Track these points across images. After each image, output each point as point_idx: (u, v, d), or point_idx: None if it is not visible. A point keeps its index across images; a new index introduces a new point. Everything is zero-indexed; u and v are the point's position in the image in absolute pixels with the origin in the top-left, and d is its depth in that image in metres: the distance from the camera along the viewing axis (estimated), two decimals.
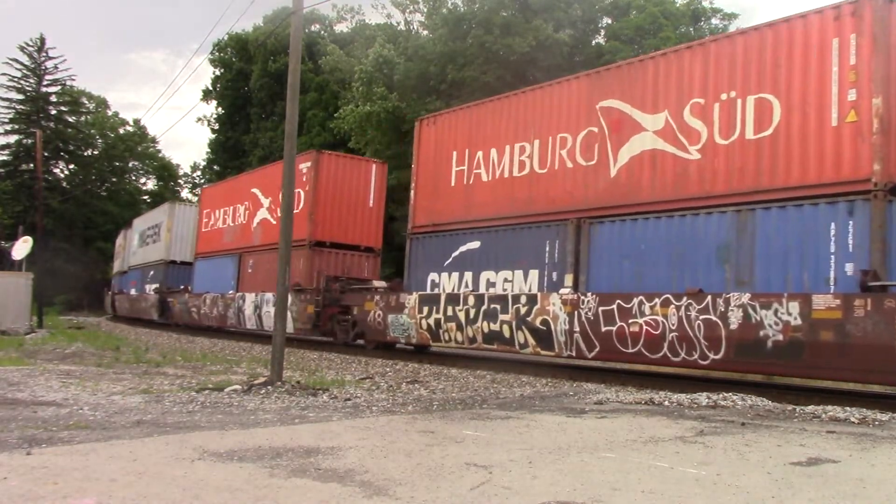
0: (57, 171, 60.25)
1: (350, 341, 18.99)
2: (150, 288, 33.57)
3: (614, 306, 12.11)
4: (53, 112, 59.45)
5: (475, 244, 15.65)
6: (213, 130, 64.57)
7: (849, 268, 9.89)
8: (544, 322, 13.29)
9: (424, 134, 17.83)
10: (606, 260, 12.88)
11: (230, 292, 24.28)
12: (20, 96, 57.78)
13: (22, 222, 44.73)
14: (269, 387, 9.60)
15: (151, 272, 34.10)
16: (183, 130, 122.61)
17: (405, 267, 17.66)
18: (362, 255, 21.57)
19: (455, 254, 15.99)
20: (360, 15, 52.62)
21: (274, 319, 11.03)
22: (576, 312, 12.73)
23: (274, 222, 21.79)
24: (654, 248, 12.11)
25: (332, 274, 20.36)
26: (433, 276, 16.60)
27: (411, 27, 43.85)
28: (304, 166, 20.85)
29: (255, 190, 24.25)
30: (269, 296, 20.75)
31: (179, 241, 32.01)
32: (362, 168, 22.15)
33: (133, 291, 37.62)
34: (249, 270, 23.66)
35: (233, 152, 59.32)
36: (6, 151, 57.61)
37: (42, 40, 57.70)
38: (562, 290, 13.35)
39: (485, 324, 14.41)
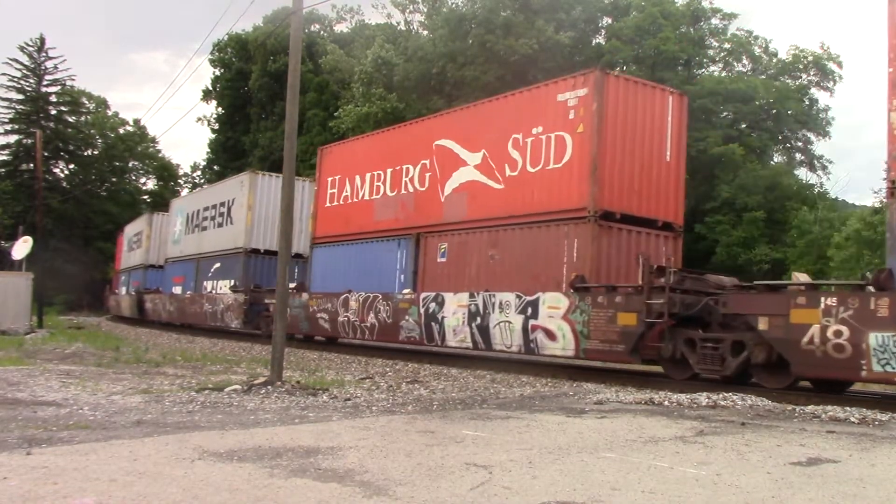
0: (57, 171, 60.25)
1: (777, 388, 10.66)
2: (221, 285, 26.71)
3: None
4: (53, 112, 59.42)
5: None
6: (213, 130, 64.66)
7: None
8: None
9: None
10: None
11: (405, 292, 17.42)
12: (20, 96, 57.79)
13: (22, 222, 44.69)
14: (269, 387, 9.60)
15: (217, 265, 27.27)
16: (183, 130, 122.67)
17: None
18: (659, 234, 14.40)
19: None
20: (359, 15, 52.71)
21: (274, 319, 11.03)
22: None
23: (497, 186, 15.39)
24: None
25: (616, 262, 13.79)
26: None
27: (411, 27, 43.86)
28: (573, 95, 13.95)
29: (444, 142, 17.22)
30: (508, 297, 14.19)
31: (262, 224, 25.30)
32: (657, 100, 14.43)
33: (177, 290, 31.24)
34: (441, 259, 17.16)
35: (233, 152, 59.36)
36: (6, 151, 57.67)
37: (42, 40, 57.73)
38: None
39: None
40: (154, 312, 33.37)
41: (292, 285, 20.76)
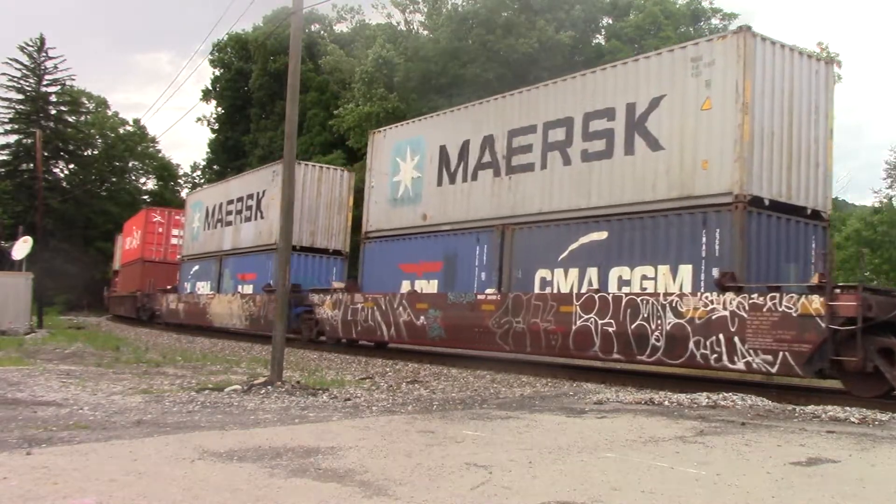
0: (57, 171, 60.22)
1: None
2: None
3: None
4: (53, 112, 59.42)
5: None
6: (213, 130, 64.61)
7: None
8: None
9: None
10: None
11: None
12: (20, 96, 57.80)
13: (22, 222, 44.67)
14: (269, 387, 9.59)
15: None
16: (183, 130, 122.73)
17: None
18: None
19: None
20: (360, 15, 52.63)
21: (274, 319, 11.03)
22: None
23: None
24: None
25: None
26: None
27: (411, 27, 43.87)
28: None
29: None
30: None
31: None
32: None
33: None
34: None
35: (233, 152, 59.33)
36: (6, 151, 57.66)
37: (42, 40, 57.72)
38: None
39: None
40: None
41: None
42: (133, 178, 68.94)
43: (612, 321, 11.94)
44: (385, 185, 18.45)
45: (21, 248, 27.52)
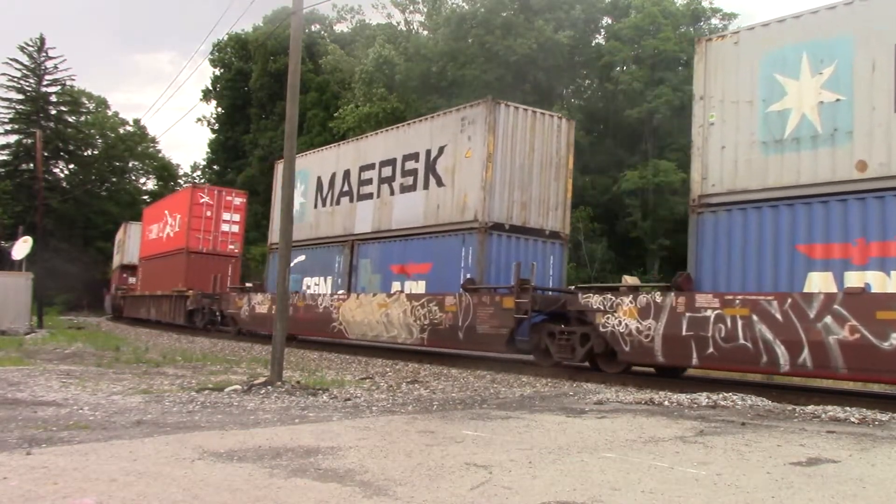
0: (57, 171, 60.29)
1: None
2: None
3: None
4: (53, 112, 59.48)
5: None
6: (213, 130, 64.69)
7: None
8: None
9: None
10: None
11: None
12: (20, 96, 57.83)
13: (22, 222, 44.71)
14: (269, 387, 9.59)
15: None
16: (183, 130, 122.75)
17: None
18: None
19: None
20: (360, 15, 52.70)
21: (274, 320, 11.03)
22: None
23: None
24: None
25: None
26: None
27: (411, 27, 43.87)
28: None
29: None
30: None
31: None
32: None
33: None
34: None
35: (233, 152, 59.38)
36: (6, 151, 57.72)
37: (42, 40, 57.77)
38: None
39: None
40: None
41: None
42: (133, 178, 69.04)
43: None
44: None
45: (21, 248, 27.52)
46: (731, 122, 11.68)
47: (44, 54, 57.89)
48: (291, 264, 19.24)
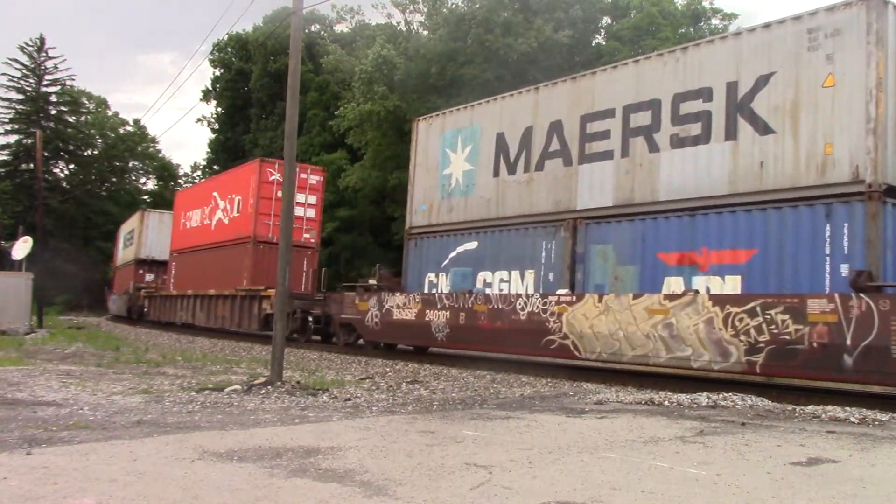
0: (57, 171, 60.28)
1: None
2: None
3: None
4: (53, 112, 59.48)
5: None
6: (213, 130, 64.66)
7: None
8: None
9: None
10: None
11: None
12: (20, 96, 57.84)
13: (22, 222, 44.71)
14: (269, 387, 9.59)
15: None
16: (184, 130, 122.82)
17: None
18: None
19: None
20: (360, 15, 52.64)
21: (274, 320, 11.03)
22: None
23: None
24: None
25: None
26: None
27: (411, 27, 43.88)
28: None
29: None
30: None
31: None
32: None
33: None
34: None
35: (233, 152, 59.34)
36: (6, 151, 57.70)
37: (42, 40, 57.76)
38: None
39: None
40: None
41: None
42: (133, 178, 69.05)
43: None
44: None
45: (21, 248, 27.52)
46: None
47: (44, 54, 57.90)
48: (454, 254, 16.35)
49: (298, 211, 22.32)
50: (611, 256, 13.23)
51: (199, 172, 69.97)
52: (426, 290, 16.85)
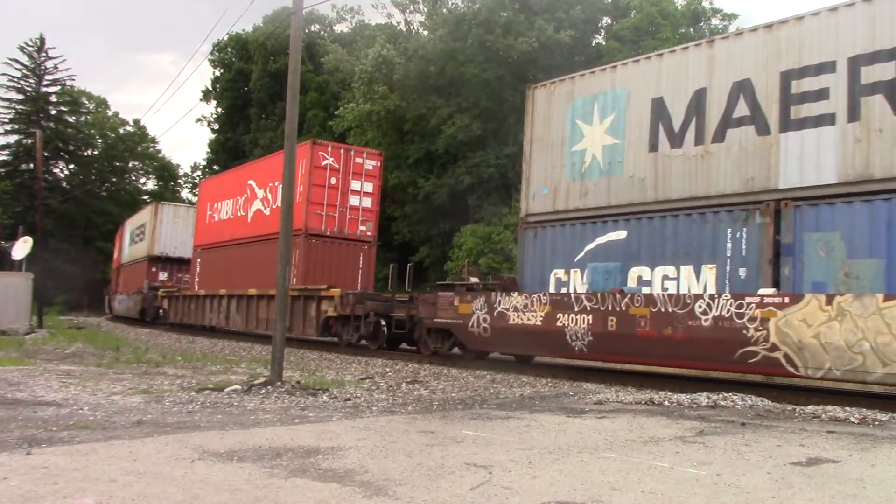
0: (57, 171, 60.30)
1: None
2: None
3: None
4: (53, 112, 59.49)
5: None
6: (213, 130, 64.71)
7: None
8: None
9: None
10: None
11: None
12: (20, 96, 57.85)
13: (22, 222, 44.69)
14: (269, 387, 9.59)
15: None
16: (183, 130, 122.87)
17: None
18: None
19: None
20: (360, 15, 52.68)
21: (274, 319, 11.03)
22: None
23: None
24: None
25: None
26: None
27: (411, 27, 43.90)
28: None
29: None
30: None
31: None
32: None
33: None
34: None
35: (233, 152, 59.35)
36: (6, 151, 57.73)
37: (42, 40, 57.77)
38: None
39: None
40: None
41: None
42: (133, 178, 69.05)
43: None
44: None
45: (21, 248, 27.52)
46: None
47: (44, 54, 57.90)
48: (592, 246, 13.31)
49: (353, 200, 21.08)
50: (838, 247, 10.20)
51: (198, 172, 70.07)
52: (553, 290, 13.77)
